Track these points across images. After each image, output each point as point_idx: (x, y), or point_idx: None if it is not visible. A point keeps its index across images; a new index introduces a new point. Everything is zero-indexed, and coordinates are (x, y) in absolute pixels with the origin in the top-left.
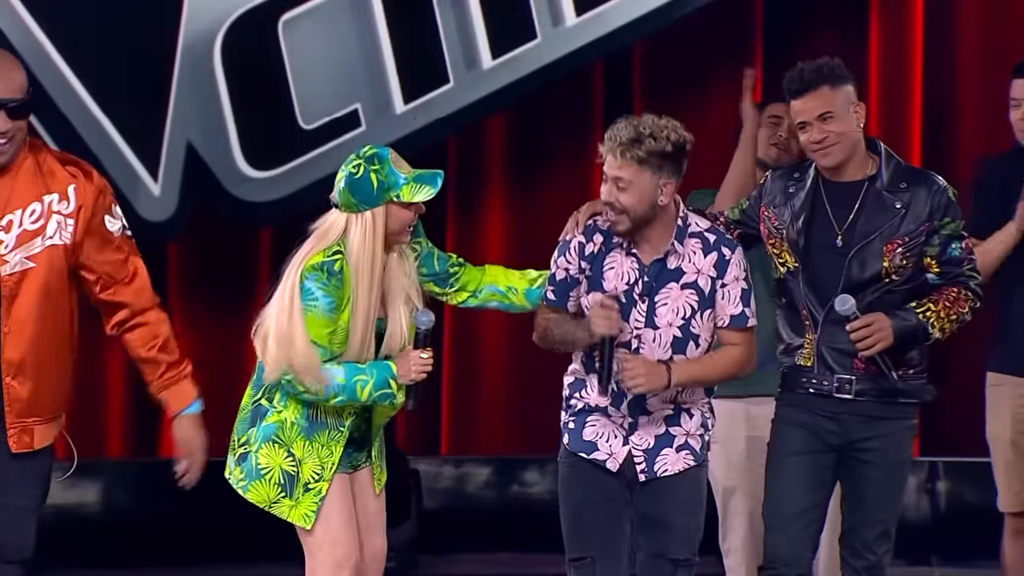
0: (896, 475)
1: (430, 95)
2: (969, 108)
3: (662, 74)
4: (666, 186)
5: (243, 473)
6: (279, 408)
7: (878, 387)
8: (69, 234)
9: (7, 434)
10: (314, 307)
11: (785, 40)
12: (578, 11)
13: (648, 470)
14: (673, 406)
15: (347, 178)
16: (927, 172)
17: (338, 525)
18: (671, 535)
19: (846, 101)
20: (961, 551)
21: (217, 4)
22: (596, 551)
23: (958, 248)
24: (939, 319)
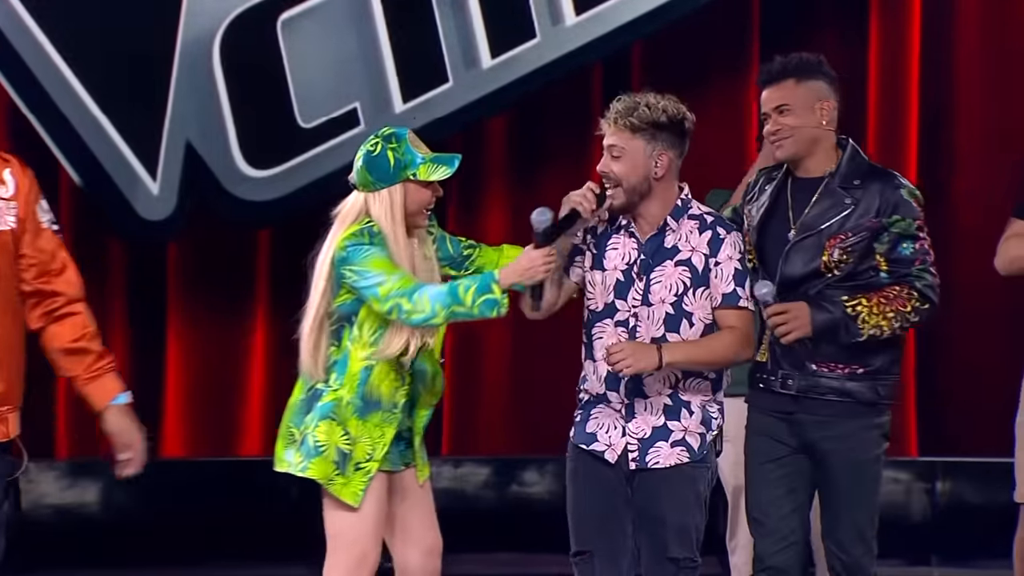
0: (862, 476)
1: (429, 94)
2: (966, 108)
3: (661, 75)
4: (660, 156)
5: (302, 455)
6: (335, 387)
7: (824, 385)
8: (13, 218)
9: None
10: (368, 253)
11: (784, 41)
12: (578, 10)
13: (640, 459)
14: (671, 392)
15: (365, 156)
16: (889, 171)
17: (367, 522)
18: (667, 532)
19: (810, 96)
20: (961, 551)
21: (216, 4)
22: (595, 546)
23: (909, 248)
24: (871, 315)
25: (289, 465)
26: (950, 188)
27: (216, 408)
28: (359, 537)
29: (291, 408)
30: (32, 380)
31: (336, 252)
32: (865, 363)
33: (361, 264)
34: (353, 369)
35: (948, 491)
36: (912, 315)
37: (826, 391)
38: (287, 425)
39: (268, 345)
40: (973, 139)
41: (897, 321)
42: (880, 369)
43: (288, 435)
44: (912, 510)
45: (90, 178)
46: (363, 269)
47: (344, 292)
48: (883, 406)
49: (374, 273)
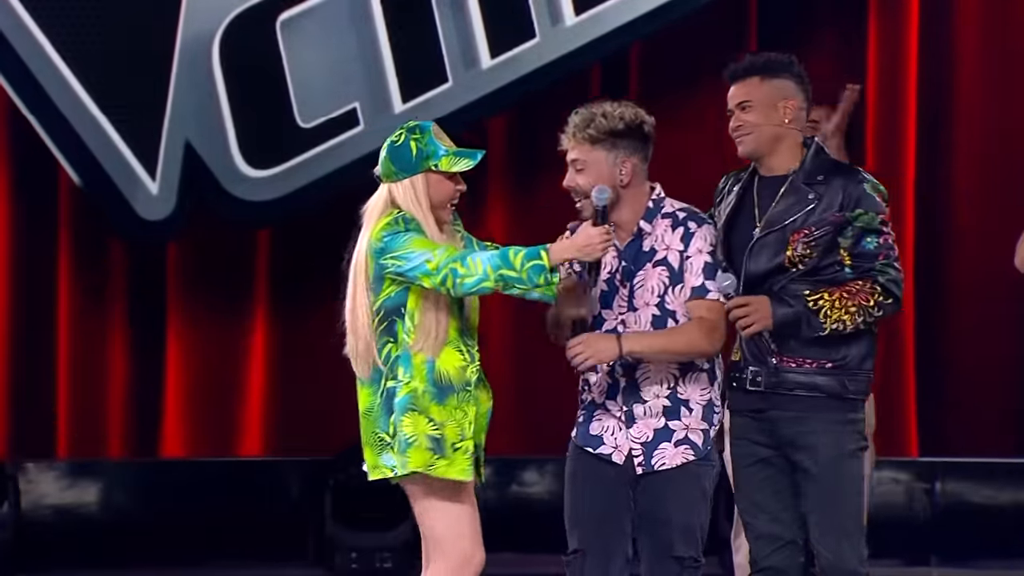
0: (839, 472)
1: (429, 94)
2: (966, 108)
3: (659, 75)
4: (624, 163)
5: (397, 452)
6: (406, 380)
7: (792, 380)
8: None
9: None
10: (406, 238)
11: (782, 41)
12: (577, 10)
13: (646, 463)
14: (669, 393)
15: (388, 146)
16: (853, 168)
17: (464, 522)
18: (672, 532)
19: (773, 94)
20: (960, 551)
21: (215, 4)
22: (590, 545)
23: (873, 242)
24: (833, 309)
25: (390, 469)
26: (949, 188)
27: (216, 408)
28: (459, 537)
29: (370, 416)
30: (32, 381)
31: (372, 245)
32: (833, 358)
33: (402, 249)
34: (417, 360)
35: (947, 491)
36: (875, 310)
37: (794, 386)
38: (373, 433)
39: (268, 345)
40: (973, 139)
41: (860, 316)
42: (849, 364)
43: (378, 442)
44: (912, 510)
45: (90, 178)
46: (404, 252)
47: (387, 286)
48: (854, 401)
49: (418, 252)
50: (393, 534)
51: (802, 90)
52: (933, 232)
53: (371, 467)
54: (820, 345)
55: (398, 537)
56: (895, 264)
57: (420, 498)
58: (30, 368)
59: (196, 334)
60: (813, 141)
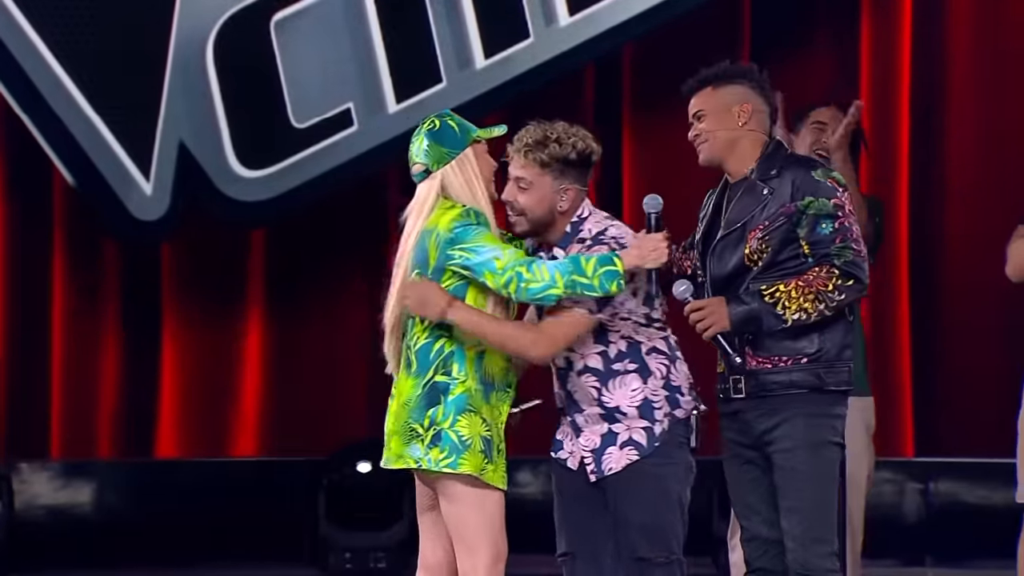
0: (809, 465)
1: (423, 95)
2: (958, 106)
3: (652, 76)
4: (567, 192)
5: (444, 451)
6: (461, 378)
7: (772, 381)
8: None
9: None
10: (478, 231)
11: (777, 42)
12: (571, 11)
13: (597, 470)
14: (597, 405)
15: (428, 135)
16: (808, 159)
17: (498, 519)
18: (633, 533)
19: (727, 100)
20: (956, 551)
21: (209, 4)
22: (577, 548)
23: (828, 227)
24: (791, 299)
25: (415, 461)
26: (943, 189)
27: (209, 408)
28: (497, 534)
29: (406, 405)
30: (26, 381)
31: (443, 235)
32: (807, 351)
33: (472, 242)
34: (470, 355)
35: (942, 491)
36: (835, 293)
37: (773, 387)
38: (406, 422)
39: (262, 346)
40: (965, 139)
41: (821, 302)
42: (823, 356)
43: (409, 431)
44: (906, 510)
45: (83, 178)
46: (475, 246)
47: (447, 277)
48: (834, 394)
49: (489, 247)
50: (387, 534)
51: (760, 94)
52: (928, 233)
53: (393, 456)
54: (792, 340)
55: (392, 537)
56: (853, 246)
57: (456, 496)
58: (24, 368)
59: (190, 334)
60: (773, 140)
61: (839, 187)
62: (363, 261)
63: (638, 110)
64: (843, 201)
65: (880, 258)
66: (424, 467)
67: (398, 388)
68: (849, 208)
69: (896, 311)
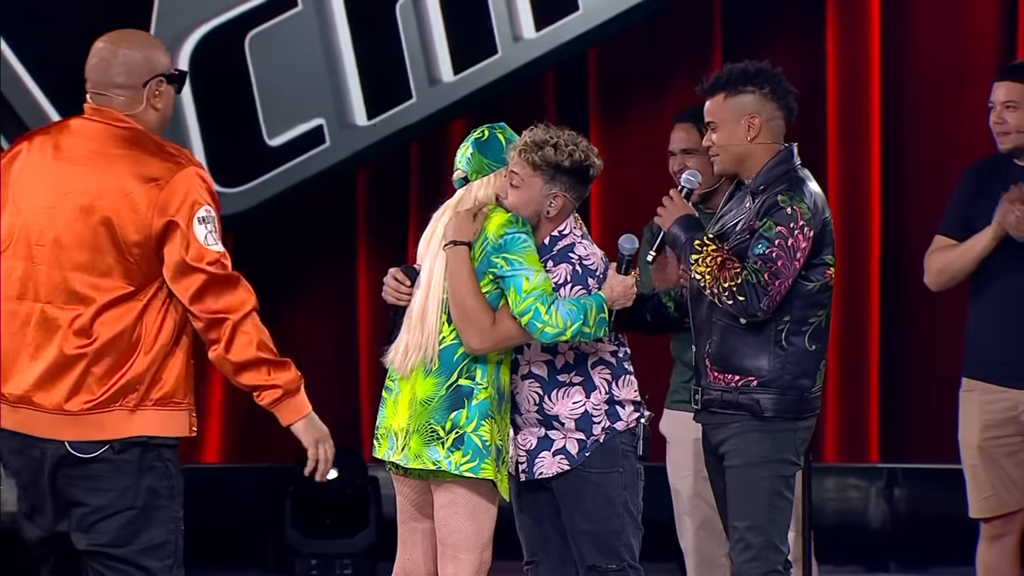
0: (747, 479)
1: (393, 111)
2: (924, 109)
3: (617, 74)
4: (555, 198)
5: (467, 456)
6: (484, 384)
7: (718, 399)
8: None
9: None
10: (528, 247)
11: (745, 43)
12: (537, 26)
13: (528, 471)
14: (536, 409)
15: (475, 144)
16: (796, 180)
17: (491, 528)
18: (580, 541)
19: (737, 112)
20: (919, 557)
21: (184, 20)
22: (539, 556)
23: (761, 247)
24: (703, 262)
25: (433, 463)
26: (915, 192)
27: (201, 415)
28: (484, 545)
29: (428, 405)
30: None
31: (491, 239)
32: (760, 374)
33: (517, 254)
34: (492, 363)
35: (906, 497)
36: (724, 293)
37: (720, 404)
38: (426, 422)
39: None
40: (932, 142)
41: (715, 287)
42: (775, 381)
43: (430, 432)
44: (870, 516)
45: None
46: (516, 259)
47: (485, 283)
48: (771, 419)
49: (526, 265)
50: (353, 541)
51: (771, 100)
52: (897, 240)
53: (411, 455)
54: (751, 359)
55: (358, 544)
56: (765, 275)
57: (458, 501)
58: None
59: None
60: (783, 150)
61: (799, 219)
62: (331, 271)
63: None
64: (789, 232)
65: (850, 264)
66: (444, 469)
67: (413, 385)
68: (792, 243)
69: (866, 317)
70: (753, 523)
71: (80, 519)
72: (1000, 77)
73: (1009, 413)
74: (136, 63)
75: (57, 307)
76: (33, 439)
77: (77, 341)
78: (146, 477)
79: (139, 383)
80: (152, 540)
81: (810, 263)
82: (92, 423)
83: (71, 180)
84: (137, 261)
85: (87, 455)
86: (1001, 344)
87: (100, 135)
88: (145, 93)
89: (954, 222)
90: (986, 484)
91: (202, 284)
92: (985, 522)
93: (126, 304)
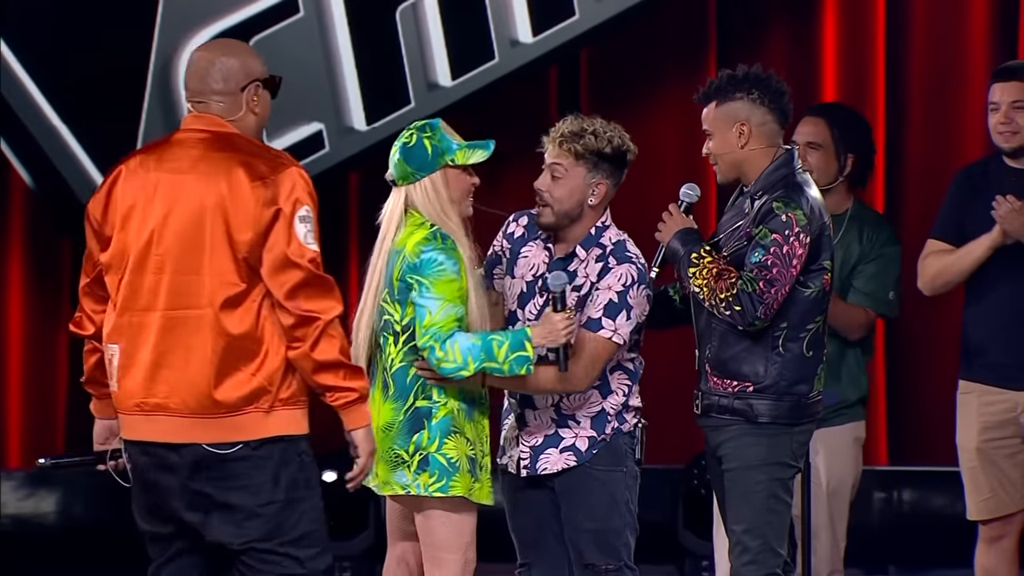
0: (740, 483)
1: (392, 116)
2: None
3: (613, 71)
4: (598, 187)
5: (434, 476)
6: (443, 401)
7: (716, 404)
8: None
9: None
10: (441, 271)
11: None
12: (535, 32)
13: (531, 466)
14: (554, 409)
15: (401, 148)
16: (794, 185)
17: (472, 531)
18: (580, 538)
19: (728, 119)
20: (919, 559)
21: (188, 25)
22: (532, 558)
23: (757, 255)
24: (700, 275)
25: (402, 488)
26: (917, 193)
27: None
28: (467, 546)
29: (389, 431)
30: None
31: (408, 258)
32: (756, 380)
33: (428, 278)
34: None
35: (906, 500)
36: (721, 304)
37: (716, 408)
38: (390, 447)
39: None
40: (934, 143)
41: (712, 298)
42: (771, 387)
43: (394, 458)
44: (871, 518)
45: (53, 192)
46: (427, 284)
47: (411, 303)
48: (765, 425)
49: (432, 294)
50: (352, 543)
51: (760, 105)
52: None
53: (381, 482)
54: (749, 365)
55: (357, 546)
56: (761, 284)
57: (436, 515)
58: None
59: None
60: (782, 154)
61: (794, 226)
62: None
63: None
64: (784, 239)
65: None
66: (413, 493)
67: (376, 411)
68: (787, 250)
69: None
70: (750, 526)
71: (225, 518)
72: (1004, 78)
73: (1008, 415)
74: (233, 69)
75: (182, 312)
76: (170, 444)
77: (206, 344)
78: (285, 470)
79: (271, 384)
80: (299, 531)
81: (808, 269)
82: (228, 425)
83: (181, 188)
84: (246, 258)
85: (225, 452)
86: (999, 345)
87: (202, 142)
88: (244, 98)
89: (947, 226)
90: (984, 486)
91: (300, 281)
92: (983, 524)
93: (244, 304)
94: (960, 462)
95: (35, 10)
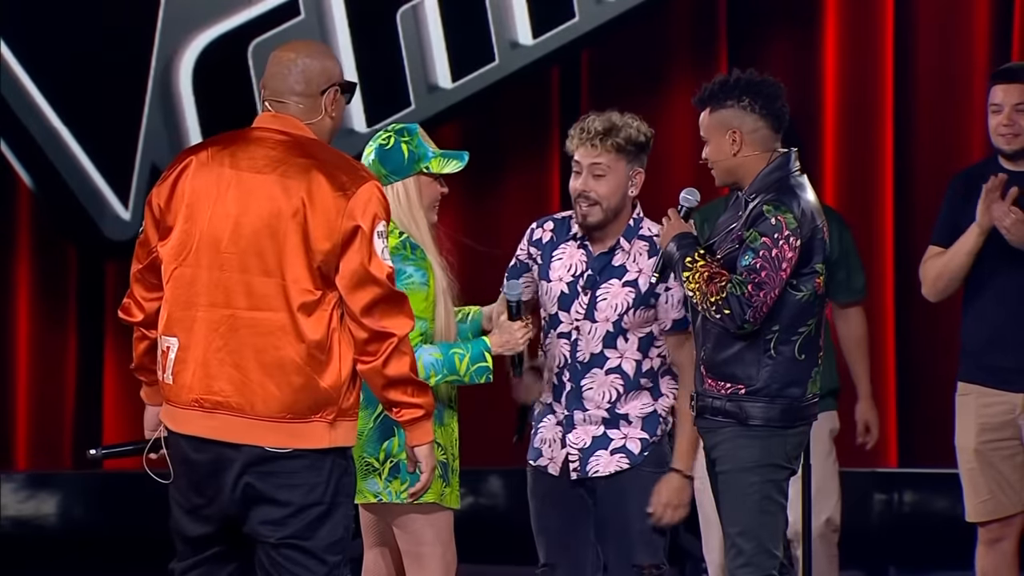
0: (734, 485)
1: (392, 117)
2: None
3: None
4: (637, 176)
5: (405, 483)
6: None
7: (710, 406)
8: None
9: None
10: (410, 283)
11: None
12: (535, 34)
13: (581, 469)
14: (609, 407)
15: (377, 150)
16: (787, 189)
17: (450, 531)
18: (631, 539)
19: (720, 126)
20: (919, 561)
21: (189, 26)
22: (558, 559)
23: (747, 258)
24: (694, 279)
25: (374, 496)
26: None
27: None
28: (446, 547)
29: (359, 440)
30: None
31: None
32: (749, 383)
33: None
34: None
35: (906, 501)
36: (712, 308)
37: (709, 411)
38: (360, 456)
39: None
40: (939, 144)
41: (704, 302)
42: (763, 390)
43: (364, 467)
44: (871, 520)
45: (57, 197)
46: None
47: None
48: (757, 428)
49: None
50: (355, 545)
51: (750, 111)
52: (911, 244)
53: (376, 493)
54: (742, 368)
55: (356, 547)
56: (750, 287)
57: (412, 521)
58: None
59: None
60: (780, 156)
61: (784, 229)
62: None
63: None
64: (774, 242)
65: (866, 270)
66: (385, 500)
67: None
68: (776, 253)
69: (881, 324)
70: (744, 528)
71: (269, 512)
72: (1006, 79)
73: (1006, 416)
74: (315, 72)
75: (252, 314)
76: (227, 443)
77: (277, 347)
78: (335, 476)
79: (337, 395)
80: (333, 536)
81: (799, 272)
82: (293, 431)
83: (258, 188)
84: (321, 268)
85: (282, 449)
86: (997, 347)
87: (281, 144)
88: (323, 102)
89: (945, 231)
90: (983, 488)
91: (377, 297)
92: (982, 526)
93: (317, 312)
94: (959, 464)
95: (35, 10)
